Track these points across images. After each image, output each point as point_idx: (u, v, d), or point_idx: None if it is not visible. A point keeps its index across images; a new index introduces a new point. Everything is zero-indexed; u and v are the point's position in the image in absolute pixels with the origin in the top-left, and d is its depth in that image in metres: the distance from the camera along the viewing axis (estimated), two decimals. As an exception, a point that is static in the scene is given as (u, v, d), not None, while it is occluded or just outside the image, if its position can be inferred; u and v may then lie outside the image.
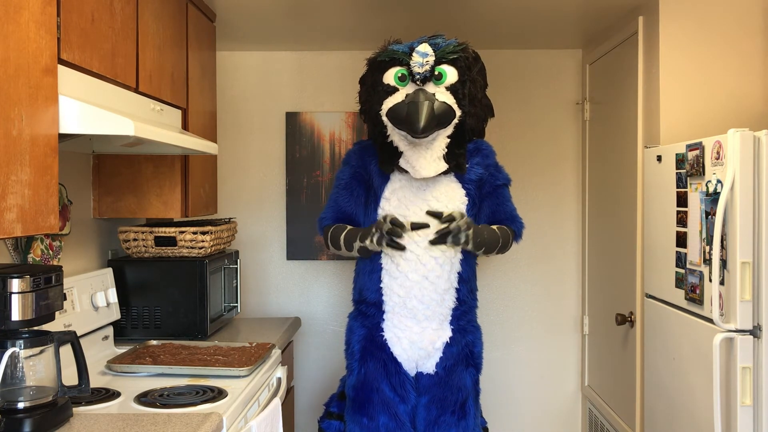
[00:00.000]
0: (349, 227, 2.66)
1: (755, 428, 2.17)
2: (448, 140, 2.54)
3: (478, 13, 3.19)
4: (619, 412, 3.29)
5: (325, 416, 2.86)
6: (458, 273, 2.62)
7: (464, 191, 2.62)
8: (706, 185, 2.32)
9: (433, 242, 2.52)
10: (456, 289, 2.62)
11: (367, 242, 2.56)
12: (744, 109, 2.86)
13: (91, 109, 1.77)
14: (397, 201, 2.60)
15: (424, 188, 2.60)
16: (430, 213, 2.54)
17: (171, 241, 2.87)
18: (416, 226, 2.53)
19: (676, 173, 2.56)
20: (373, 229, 2.55)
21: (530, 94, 3.90)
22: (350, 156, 2.76)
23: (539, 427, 3.92)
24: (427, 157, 2.51)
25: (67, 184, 2.58)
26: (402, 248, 2.53)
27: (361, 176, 2.71)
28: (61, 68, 1.75)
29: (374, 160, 2.67)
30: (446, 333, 2.64)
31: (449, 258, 2.59)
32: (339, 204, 2.71)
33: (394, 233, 2.50)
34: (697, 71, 2.86)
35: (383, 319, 2.65)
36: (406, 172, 2.57)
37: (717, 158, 2.26)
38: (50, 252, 2.43)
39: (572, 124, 3.91)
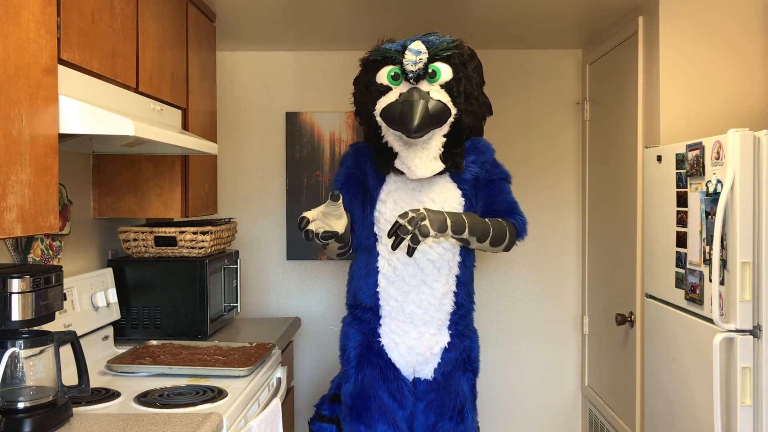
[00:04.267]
0: None
1: (755, 428, 2.17)
2: (444, 139, 2.49)
3: (478, 13, 3.19)
4: (619, 412, 3.29)
5: (315, 418, 2.83)
6: (456, 276, 2.59)
7: (460, 192, 2.58)
8: (706, 185, 2.32)
9: (409, 253, 2.32)
10: (454, 292, 2.59)
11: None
12: (744, 109, 2.86)
13: (91, 109, 1.77)
14: (392, 203, 2.57)
15: (419, 189, 2.56)
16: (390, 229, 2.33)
17: (171, 241, 2.87)
18: (326, 236, 2.27)
19: (676, 173, 2.56)
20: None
21: (530, 94, 3.90)
22: (346, 158, 2.73)
23: (539, 427, 3.92)
24: (422, 157, 2.47)
25: (67, 184, 2.58)
26: (324, 243, 2.33)
27: (357, 177, 2.67)
28: (61, 68, 1.75)
29: (370, 162, 2.64)
30: (444, 338, 2.61)
31: (447, 261, 2.56)
32: None
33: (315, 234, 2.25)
34: (697, 71, 2.86)
35: (380, 324, 2.61)
36: (402, 173, 2.53)
37: (717, 158, 2.26)
38: (50, 252, 2.43)
39: (572, 124, 3.91)
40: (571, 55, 3.90)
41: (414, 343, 2.58)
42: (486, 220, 2.54)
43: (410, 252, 2.32)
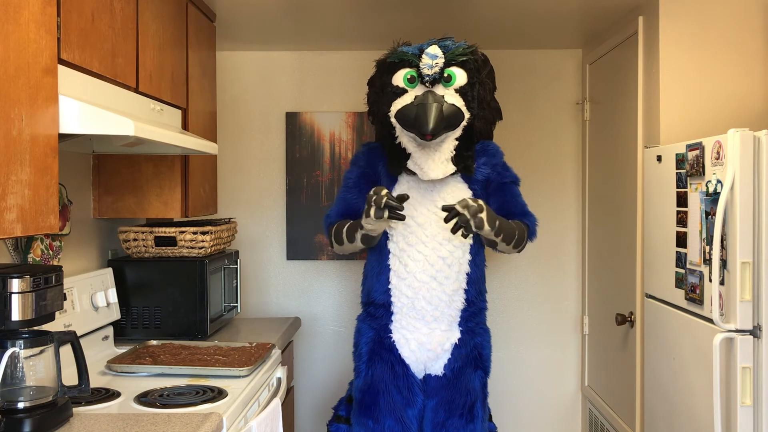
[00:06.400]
0: (350, 221, 2.63)
1: (755, 428, 2.17)
2: (457, 142, 2.54)
3: (479, 13, 3.19)
4: (619, 412, 3.29)
5: (333, 420, 2.86)
6: (467, 274, 2.62)
7: (471, 192, 2.63)
8: (706, 185, 2.32)
9: (453, 231, 2.41)
10: (464, 290, 2.62)
11: (363, 221, 2.45)
12: (744, 109, 2.86)
13: (91, 109, 1.77)
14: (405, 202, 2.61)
15: (431, 190, 2.60)
16: (445, 208, 2.41)
17: (171, 241, 2.87)
18: (401, 199, 2.40)
19: (676, 173, 2.56)
20: (367, 206, 2.42)
21: (530, 94, 3.90)
22: (358, 157, 2.76)
23: (539, 427, 3.92)
24: (435, 158, 2.52)
25: (67, 184, 2.58)
26: (402, 218, 2.40)
27: (369, 176, 2.70)
28: (61, 68, 1.75)
29: (382, 162, 2.68)
30: (455, 334, 2.64)
31: (457, 258, 2.59)
32: (347, 201, 2.70)
33: (392, 206, 2.37)
34: (697, 71, 2.86)
35: (391, 321, 2.65)
36: (414, 174, 2.58)
37: (717, 158, 2.26)
38: (50, 252, 2.43)
39: (572, 124, 3.91)
40: (571, 55, 3.90)
41: (424, 339, 2.61)
42: (511, 223, 2.59)
43: (465, 236, 2.42)
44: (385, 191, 2.39)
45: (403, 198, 2.41)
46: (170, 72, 2.58)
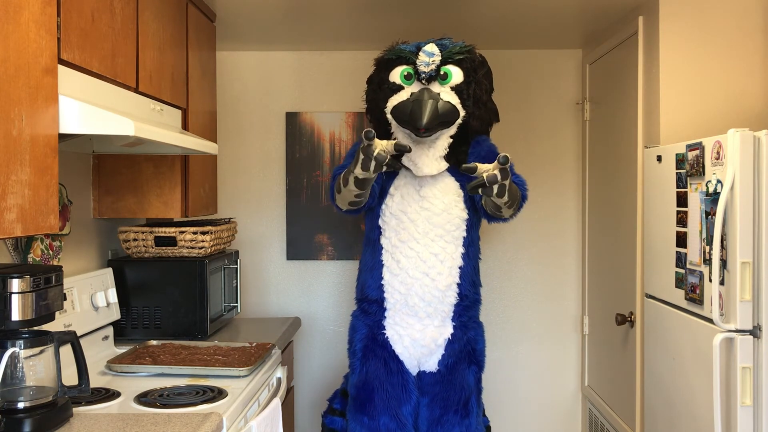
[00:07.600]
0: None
1: (755, 428, 2.17)
2: (451, 140, 2.57)
3: (478, 14, 3.19)
4: (619, 412, 3.29)
5: (328, 411, 2.88)
6: (459, 267, 2.63)
7: (458, 184, 2.64)
8: (706, 185, 2.32)
9: (470, 190, 2.20)
10: (457, 284, 2.63)
11: (354, 170, 2.30)
12: (744, 109, 2.86)
13: (91, 109, 1.77)
14: (400, 197, 2.64)
15: (422, 184, 2.62)
16: (466, 168, 2.19)
17: (171, 241, 2.87)
18: (399, 148, 2.21)
19: (676, 173, 2.56)
20: (360, 155, 2.24)
21: (530, 94, 3.90)
22: (359, 144, 2.75)
23: (539, 427, 3.92)
24: (429, 155, 2.54)
25: (67, 184, 2.58)
26: (381, 168, 2.24)
27: None
28: (61, 68, 1.75)
29: None
30: (448, 330, 2.65)
31: (450, 254, 2.60)
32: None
33: (380, 162, 2.21)
34: (697, 71, 2.86)
35: (385, 317, 2.66)
36: (409, 169, 2.60)
37: (717, 158, 2.26)
38: (50, 252, 2.43)
39: (572, 124, 3.91)
40: (571, 55, 3.90)
41: (418, 335, 2.62)
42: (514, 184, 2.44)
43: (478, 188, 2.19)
44: (379, 147, 2.20)
45: (404, 148, 2.20)
46: (170, 72, 2.58)
